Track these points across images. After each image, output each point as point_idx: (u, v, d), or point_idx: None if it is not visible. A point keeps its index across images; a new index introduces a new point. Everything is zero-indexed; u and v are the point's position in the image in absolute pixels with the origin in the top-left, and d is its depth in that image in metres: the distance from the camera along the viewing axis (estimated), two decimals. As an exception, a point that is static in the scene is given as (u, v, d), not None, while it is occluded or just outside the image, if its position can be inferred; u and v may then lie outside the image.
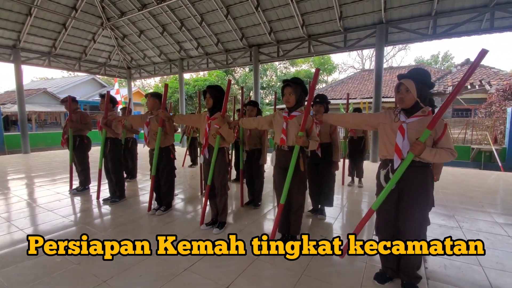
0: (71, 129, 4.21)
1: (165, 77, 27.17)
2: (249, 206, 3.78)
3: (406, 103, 1.81)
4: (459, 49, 44.15)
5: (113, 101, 3.94)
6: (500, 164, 7.81)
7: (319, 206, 3.39)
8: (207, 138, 2.89)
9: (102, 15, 10.48)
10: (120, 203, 3.91)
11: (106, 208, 3.70)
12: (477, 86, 12.31)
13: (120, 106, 7.35)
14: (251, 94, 13.41)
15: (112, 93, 17.51)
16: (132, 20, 10.46)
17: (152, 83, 31.61)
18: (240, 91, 3.87)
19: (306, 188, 2.64)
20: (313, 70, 27.75)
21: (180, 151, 9.21)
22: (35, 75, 45.22)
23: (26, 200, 4.05)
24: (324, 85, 25.49)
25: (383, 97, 11.08)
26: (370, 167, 6.21)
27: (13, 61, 9.86)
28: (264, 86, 24.74)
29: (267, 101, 24.26)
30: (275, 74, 26.90)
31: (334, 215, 3.45)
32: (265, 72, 26.11)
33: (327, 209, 3.51)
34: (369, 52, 27.90)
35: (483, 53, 1.57)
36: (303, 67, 28.57)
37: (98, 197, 3.97)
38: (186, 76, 21.87)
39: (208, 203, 3.01)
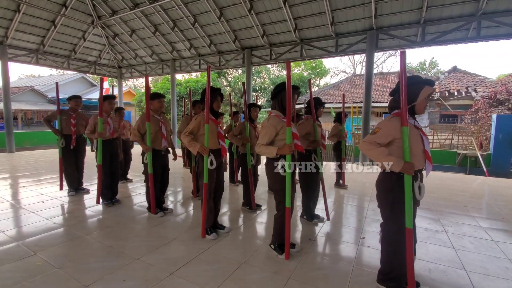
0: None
1: (156, 77, 26.97)
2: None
3: None
4: (444, 55, 45.46)
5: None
6: (485, 169, 8.02)
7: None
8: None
9: (92, 13, 10.32)
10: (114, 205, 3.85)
11: (92, 210, 3.61)
12: (463, 93, 12.66)
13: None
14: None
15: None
16: (124, 19, 10.34)
17: (144, 83, 31.23)
18: (241, 92, 3.87)
19: None
20: (305, 73, 28.01)
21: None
22: (23, 72, 44.03)
23: (8, 201, 3.92)
24: (316, 88, 25.73)
25: (373, 102, 11.26)
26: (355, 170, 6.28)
27: (0, 58, 9.59)
28: (257, 88, 24.79)
29: (259, 103, 24.32)
30: (268, 76, 27.00)
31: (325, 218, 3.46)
32: (258, 74, 26.19)
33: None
34: (360, 57, 28.37)
35: (402, 54, 1.70)
36: (295, 71, 28.79)
37: (98, 201, 3.84)
38: (178, 77, 21.70)
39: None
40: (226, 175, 5.95)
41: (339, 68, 40.74)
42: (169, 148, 3.58)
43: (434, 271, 2.28)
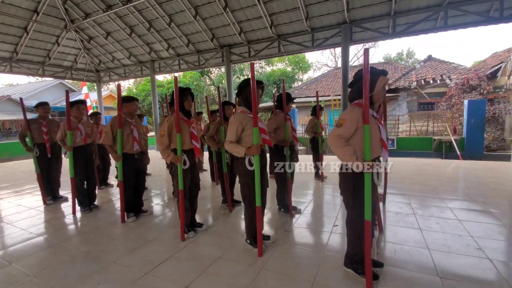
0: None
1: (138, 79, 26.47)
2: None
3: None
4: (421, 45, 46.69)
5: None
6: (459, 153, 8.40)
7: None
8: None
9: (65, 17, 10.00)
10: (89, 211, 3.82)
11: (69, 218, 3.58)
12: (438, 81, 13.11)
13: (90, 111, 7.04)
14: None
15: (81, 97, 16.84)
16: (98, 22, 10.09)
17: (126, 85, 30.60)
18: (218, 92, 3.92)
19: None
20: (289, 69, 28.19)
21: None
22: (1, 81, 42.12)
23: (-18, 215, 3.83)
24: (299, 83, 25.95)
25: None
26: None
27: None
28: (241, 86, 24.77)
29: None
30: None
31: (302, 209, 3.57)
32: (242, 72, 26.14)
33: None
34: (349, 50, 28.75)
35: (365, 52, 1.76)
36: (279, 66, 28.94)
37: (74, 212, 3.74)
38: (160, 78, 21.40)
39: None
40: (208, 174, 6.04)
41: (321, 62, 41.13)
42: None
43: (399, 252, 2.42)
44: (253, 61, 2.45)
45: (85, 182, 3.84)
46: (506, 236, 2.68)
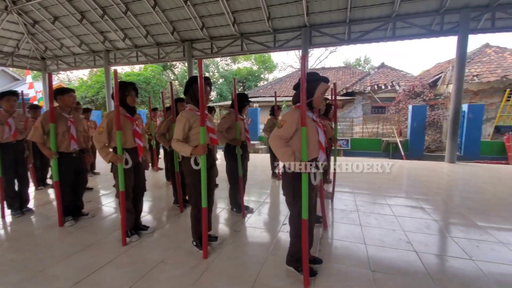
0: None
1: (94, 70, 24.44)
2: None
3: None
4: (377, 53, 50.46)
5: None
6: (403, 154, 9.21)
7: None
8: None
9: (3, -4, 8.86)
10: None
11: (-6, 223, 3.18)
12: (389, 87, 14.22)
13: (35, 102, 6.34)
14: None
15: (25, 88, 15.06)
16: (44, 5, 9.09)
17: (80, 75, 28.05)
18: (173, 87, 3.73)
19: None
20: (255, 68, 28.36)
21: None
22: None
23: None
24: (265, 83, 26.25)
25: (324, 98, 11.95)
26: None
27: None
28: (206, 82, 24.28)
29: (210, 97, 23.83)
30: (217, 70, 26.63)
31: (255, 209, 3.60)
32: (207, 68, 25.65)
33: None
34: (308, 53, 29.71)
35: (303, 58, 1.87)
36: (245, 64, 28.97)
37: (3, 216, 3.33)
38: (118, 69, 20.02)
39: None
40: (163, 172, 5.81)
41: (287, 63, 42.08)
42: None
43: (339, 248, 2.56)
44: (201, 59, 2.39)
45: (16, 183, 3.43)
46: (433, 230, 2.98)
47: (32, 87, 14.97)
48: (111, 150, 2.60)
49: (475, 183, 5.21)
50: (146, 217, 3.36)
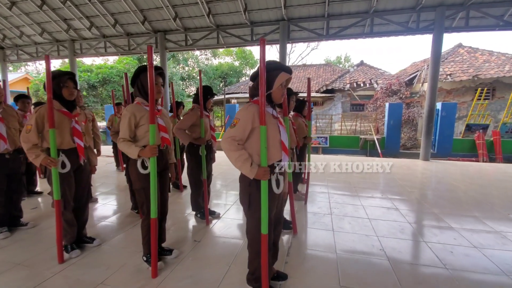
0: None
1: (65, 60, 22.86)
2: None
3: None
4: (357, 51, 51.49)
5: None
6: (379, 151, 9.27)
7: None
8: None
9: None
10: None
11: None
12: (367, 85, 14.35)
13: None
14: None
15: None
16: (-3, -13, 8.19)
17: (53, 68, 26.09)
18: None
19: None
20: (236, 63, 27.86)
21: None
22: None
23: None
24: (246, 78, 25.86)
25: (302, 92, 11.78)
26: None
27: None
28: (185, 77, 23.54)
29: (188, 93, 23.15)
30: (196, 64, 25.87)
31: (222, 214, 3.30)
32: (186, 62, 24.85)
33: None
34: (288, 49, 29.59)
35: (262, 41, 1.59)
36: (227, 59, 28.39)
37: None
38: (88, 61, 18.86)
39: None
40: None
41: (267, 58, 41.75)
42: None
43: (308, 259, 2.32)
44: (150, 45, 2.03)
45: None
46: (407, 234, 2.83)
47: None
48: (42, 151, 2.19)
49: (447, 180, 5.22)
50: (97, 225, 2.97)
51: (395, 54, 53.51)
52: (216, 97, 11.91)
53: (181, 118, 2.98)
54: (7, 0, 8.70)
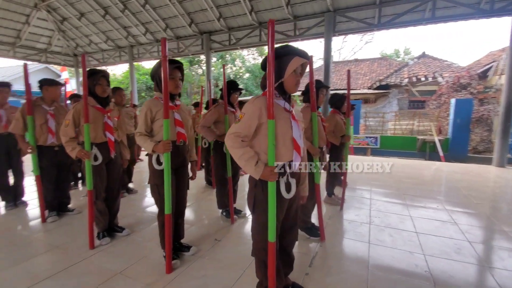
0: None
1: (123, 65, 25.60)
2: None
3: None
4: (418, 40, 46.03)
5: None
6: (441, 155, 8.07)
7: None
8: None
9: (34, -5, 9.38)
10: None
11: (-15, 215, 3.17)
12: (430, 78, 12.71)
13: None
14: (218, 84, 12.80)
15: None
16: (70, 1, 9.45)
17: (116, 71, 29.62)
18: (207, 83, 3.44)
19: None
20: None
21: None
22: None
23: None
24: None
25: (352, 89, 11.07)
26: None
27: None
28: (231, 77, 24.14)
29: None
30: (243, 64, 26.33)
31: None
32: (233, 62, 25.48)
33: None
34: (337, 44, 28.10)
35: (270, 22, 1.38)
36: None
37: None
38: (146, 65, 20.63)
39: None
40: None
41: (316, 55, 40.29)
42: None
43: (333, 273, 2.05)
44: (164, 38, 2.00)
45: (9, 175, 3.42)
46: (464, 255, 2.31)
47: (68, 83, 16.01)
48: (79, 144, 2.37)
49: (531, 193, 4.23)
50: (131, 216, 3.13)
51: (470, 43, 46.42)
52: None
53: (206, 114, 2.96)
54: (77, 12, 10.01)
